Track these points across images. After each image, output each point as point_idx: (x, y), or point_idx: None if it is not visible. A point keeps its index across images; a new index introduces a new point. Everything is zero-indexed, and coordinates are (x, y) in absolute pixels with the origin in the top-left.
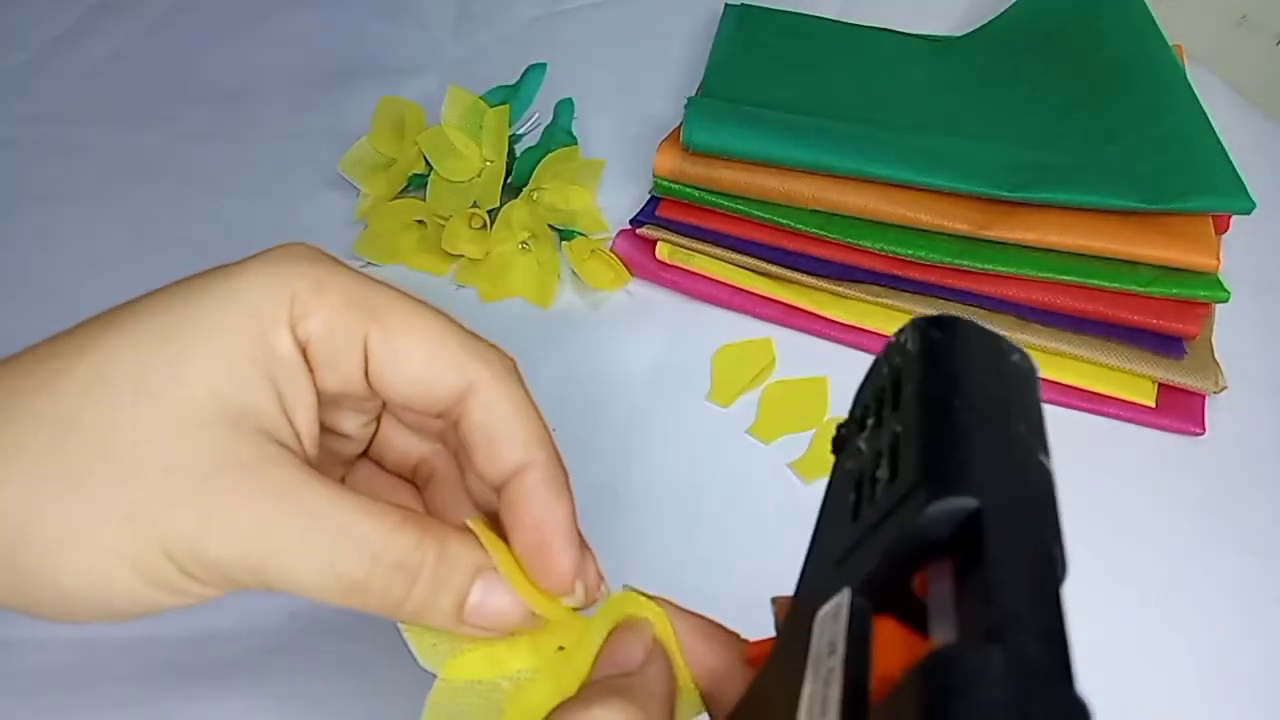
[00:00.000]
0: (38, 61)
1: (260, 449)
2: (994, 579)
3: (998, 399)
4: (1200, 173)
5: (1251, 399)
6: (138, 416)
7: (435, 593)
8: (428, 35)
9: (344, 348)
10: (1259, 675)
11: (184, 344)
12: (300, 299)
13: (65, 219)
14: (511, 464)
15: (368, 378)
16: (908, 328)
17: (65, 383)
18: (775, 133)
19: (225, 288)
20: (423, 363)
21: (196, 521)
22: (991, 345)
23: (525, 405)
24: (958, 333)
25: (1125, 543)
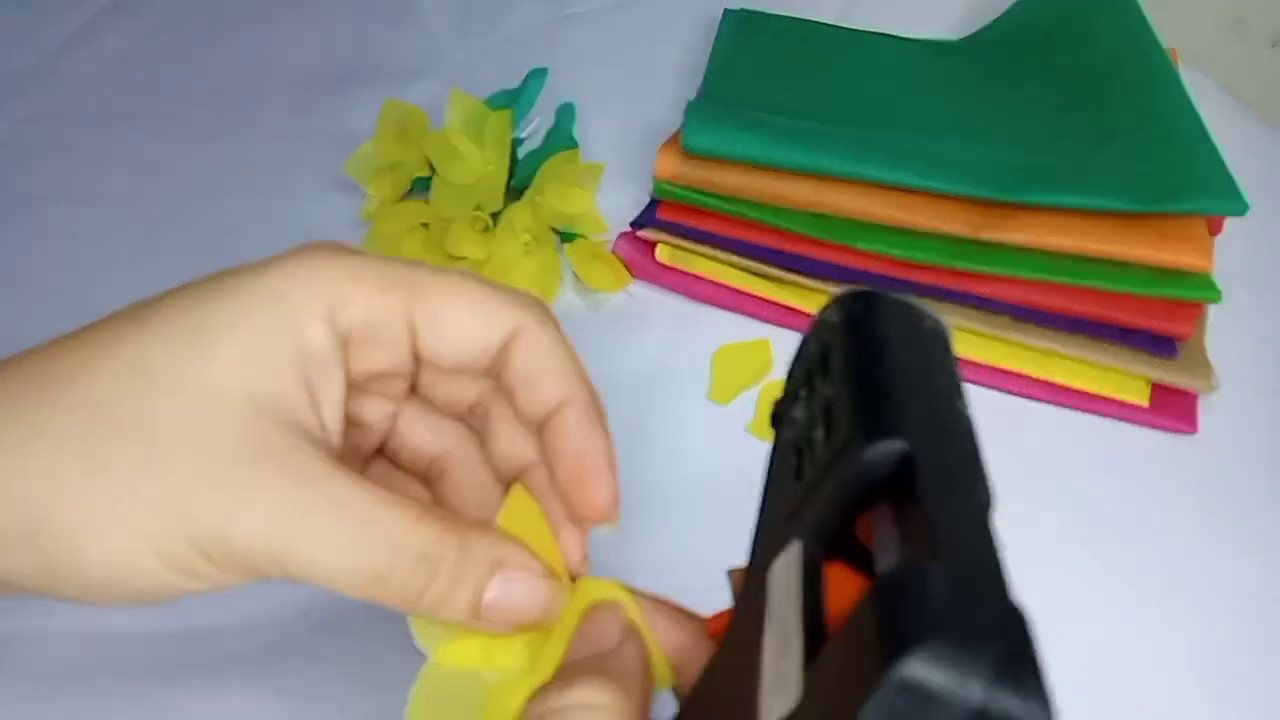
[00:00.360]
0: (44, 63)
1: (287, 439)
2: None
3: (917, 358)
4: (1194, 175)
5: (1244, 399)
6: (169, 406)
7: (454, 587)
8: (431, 40)
9: (389, 326)
10: (1256, 674)
11: (216, 337)
12: (337, 290)
13: (70, 220)
14: (555, 399)
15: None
16: (830, 304)
17: (97, 373)
18: (774, 136)
19: (256, 282)
20: (469, 323)
21: (222, 508)
22: (908, 312)
23: (564, 346)
24: (876, 303)
25: (1119, 541)
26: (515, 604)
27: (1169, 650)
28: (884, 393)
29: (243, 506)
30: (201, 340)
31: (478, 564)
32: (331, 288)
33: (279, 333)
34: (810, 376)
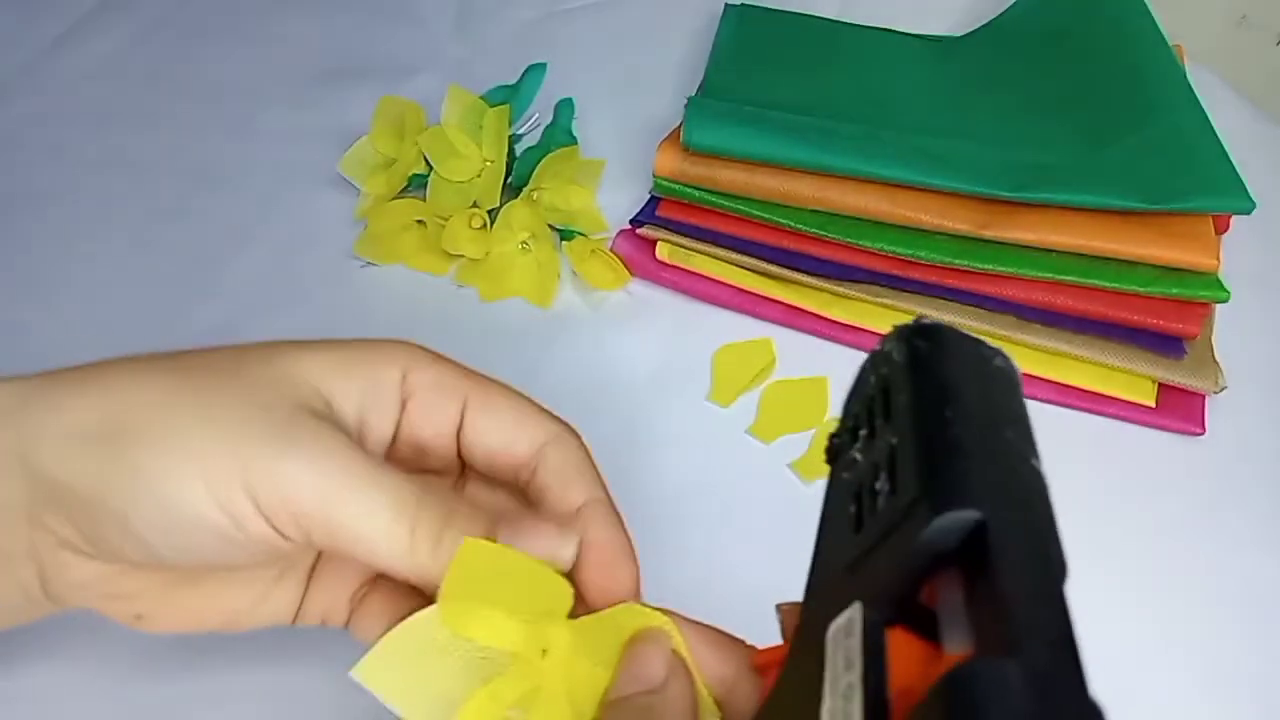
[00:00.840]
0: (38, 61)
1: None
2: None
3: (987, 406)
4: (1200, 173)
5: (1251, 399)
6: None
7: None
8: (428, 35)
9: (445, 401)
10: (1260, 675)
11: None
12: (417, 358)
13: (65, 219)
14: (581, 499)
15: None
16: (891, 338)
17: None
18: (775, 133)
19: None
20: (511, 418)
21: (277, 437)
22: (975, 351)
23: (590, 460)
24: (942, 341)
25: (1125, 542)
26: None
27: (1175, 650)
28: (953, 450)
29: (297, 443)
30: (299, 346)
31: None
32: (412, 355)
33: (359, 365)
34: (871, 415)
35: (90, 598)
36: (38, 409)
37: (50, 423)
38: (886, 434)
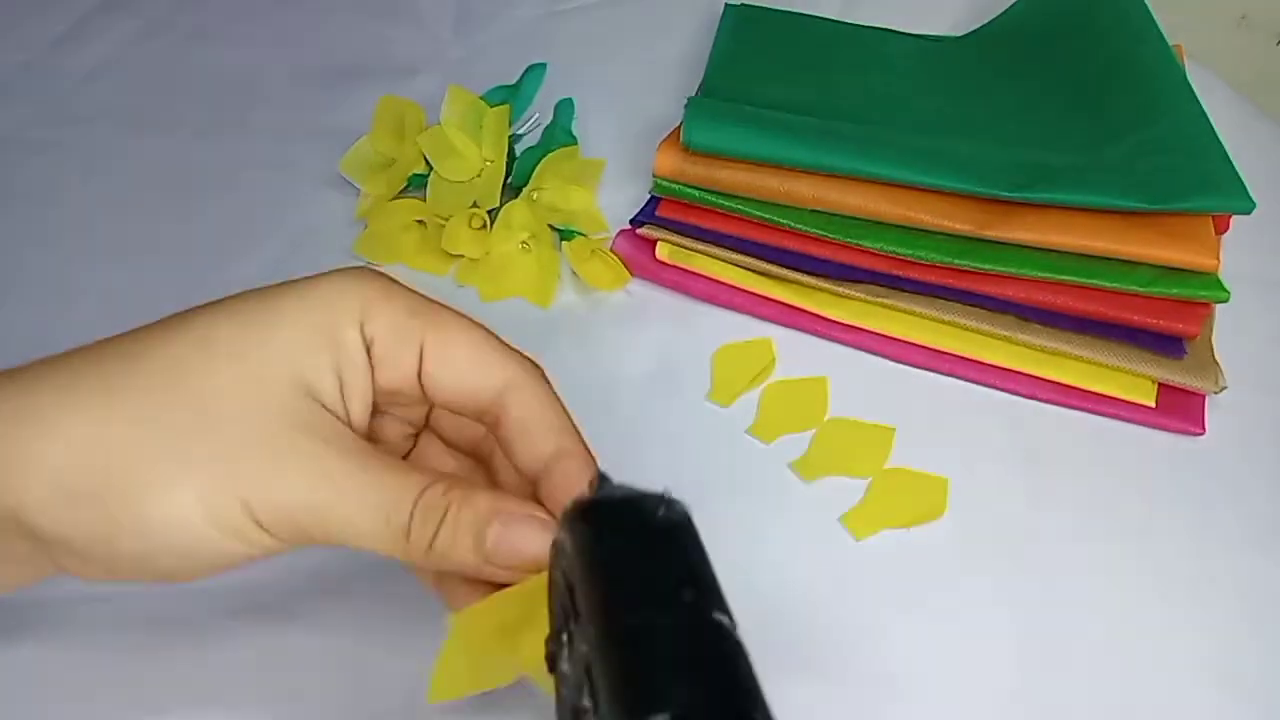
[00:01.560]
0: (38, 61)
1: (323, 415)
2: None
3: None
4: (1200, 173)
5: (1252, 399)
6: (228, 377)
7: (458, 531)
8: (427, 35)
9: (403, 348)
10: (1260, 675)
11: (273, 324)
12: (370, 302)
13: (65, 219)
14: (548, 451)
15: (420, 380)
16: (563, 525)
17: (170, 346)
18: (775, 133)
19: (306, 288)
20: (469, 363)
21: (269, 469)
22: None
23: (556, 402)
24: (601, 519)
25: (1125, 543)
26: (516, 542)
27: (1174, 651)
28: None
29: (287, 469)
30: (260, 325)
31: (479, 509)
32: (366, 300)
33: (322, 330)
34: (567, 618)
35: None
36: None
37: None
38: (581, 641)
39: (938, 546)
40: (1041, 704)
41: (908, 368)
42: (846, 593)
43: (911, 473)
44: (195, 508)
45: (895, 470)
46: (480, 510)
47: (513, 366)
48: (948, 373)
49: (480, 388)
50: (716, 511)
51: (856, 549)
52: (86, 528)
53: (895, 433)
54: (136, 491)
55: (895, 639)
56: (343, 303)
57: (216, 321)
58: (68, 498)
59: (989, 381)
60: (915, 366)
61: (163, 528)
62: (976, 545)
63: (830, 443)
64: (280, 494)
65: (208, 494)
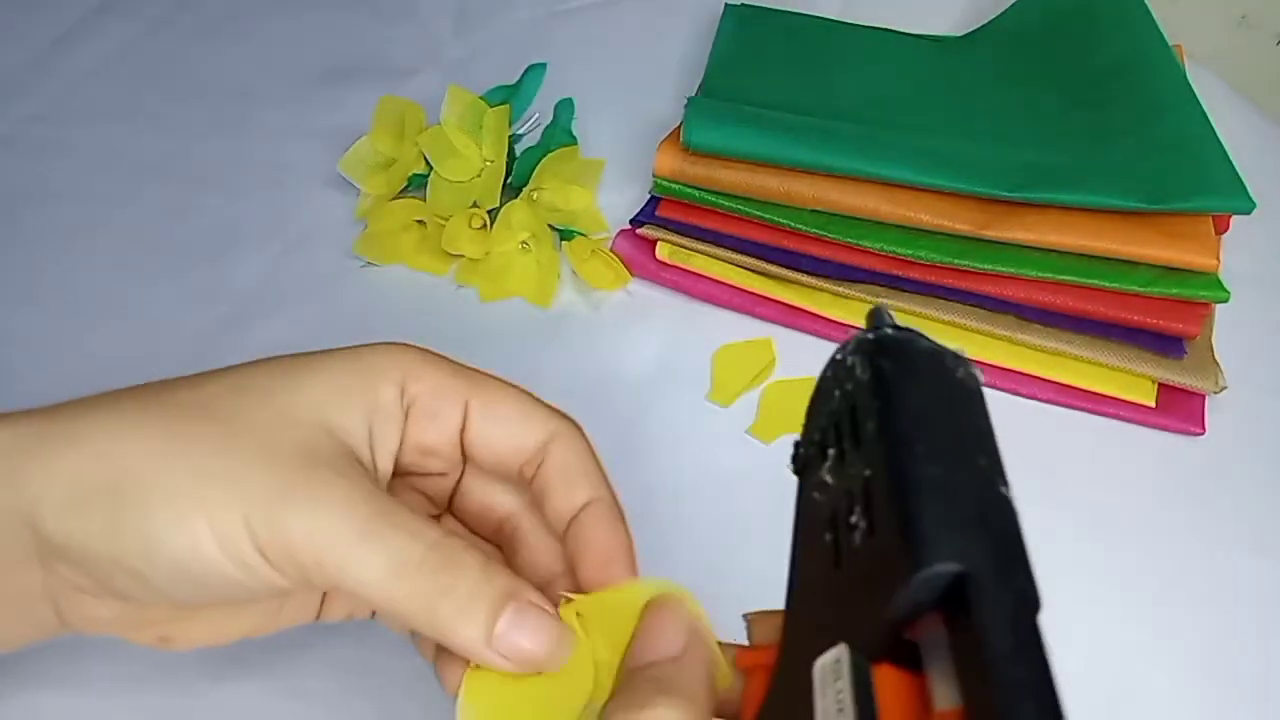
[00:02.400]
0: (38, 61)
1: (345, 455)
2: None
3: (957, 433)
4: (1200, 173)
5: (1251, 399)
6: (254, 412)
7: (472, 600)
8: (428, 35)
9: (446, 404)
10: (1260, 675)
11: (308, 375)
12: (412, 365)
13: (65, 219)
14: (584, 498)
15: (462, 437)
16: (854, 350)
17: (206, 385)
18: (775, 133)
19: (352, 352)
20: (515, 418)
21: (279, 493)
22: (939, 365)
23: (594, 455)
24: (907, 359)
25: (1125, 543)
26: (525, 638)
27: (1174, 651)
28: (930, 494)
29: (298, 497)
30: (296, 377)
31: (496, 586)
32: (408, 363)
33: (359, 387)
34: (839, 434)
35: (113, 628)
36: (32, 469)
37: (47, 486)
38: (858, 462)
39: None
40: None
41: None
42: None
43: None
44: (198, 519)
45: None
46: (497, 590)
47: (556, 421)
48: None
49: (525, 443)
50: (717, 511)
51: None
52: (93, 531)
53: None
54: (143, 497)
55: None
56: (382, 363)
57: (253, 370)
58: (78, 501)
59: (989, 381)
60: None
61: (165, 537)
62: None
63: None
64: (286, 521)
65: (213, 508)
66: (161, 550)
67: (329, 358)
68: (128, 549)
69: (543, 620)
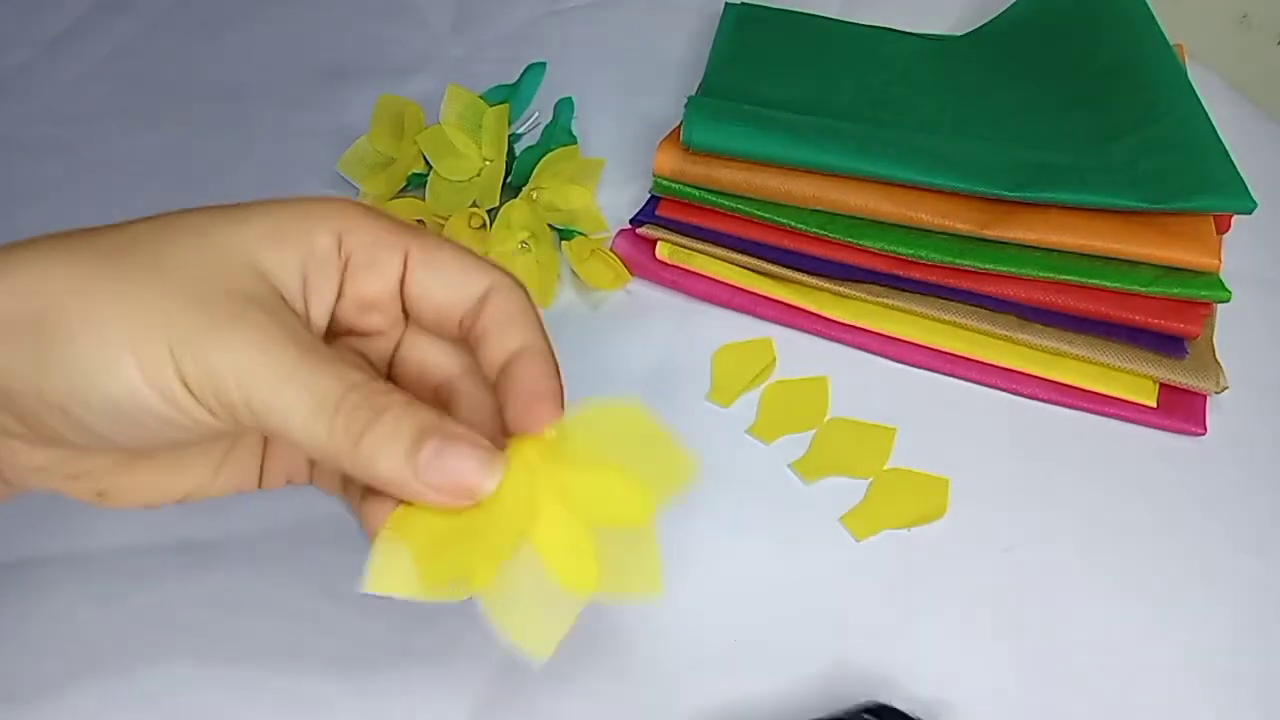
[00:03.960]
0: (38, 61)
1: (275, 298)
2: None
3: None
4: (1201, 172)
5: (1253, 399)
6: (185, 248)
7: (396, 431)
8: (427, 34)
9: (386, 256)
10: (1260, 675)
11: (241, 219)
12: (351, 216)
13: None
14: (517, 344)
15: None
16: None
17: (137, 225)
18: (776, 132)
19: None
20: (455, 270)
21: (206, 328)
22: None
23: (531, 306)
24: None
25: (1126, 543)
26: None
27: (1175, 650)
28: None
29: (223, 331)
30: (229, 220)
31: (420, 418)
32: (347, 214)
33: (294, 232)
34: None
35: (48, 479)
36: None
37: None
38: None
39: (938, 546)
40: (1041, 704)
41: (908, 368)
42: (847, 593)
43: (912, 473)
44: (123, 349)
45: (896, 470)
46: (422, 421)
47: (495, 273)
48: (948, 373)
49: (465, 294)
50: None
51: (857, 549)
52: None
53: (896, 433)
54: (68, 329)
55: (896, 639)
56: (319, 211)
57: (186, 213)
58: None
59: (989, 381)
60: (916, 366)
61: (89, 365)
62: (977, 545)
63: (831, 443)
64: (212, 356)
65: (138, 339)
66: (87, 383)
67: (266, 204)
68: (53, 383)
69: (473, 451)
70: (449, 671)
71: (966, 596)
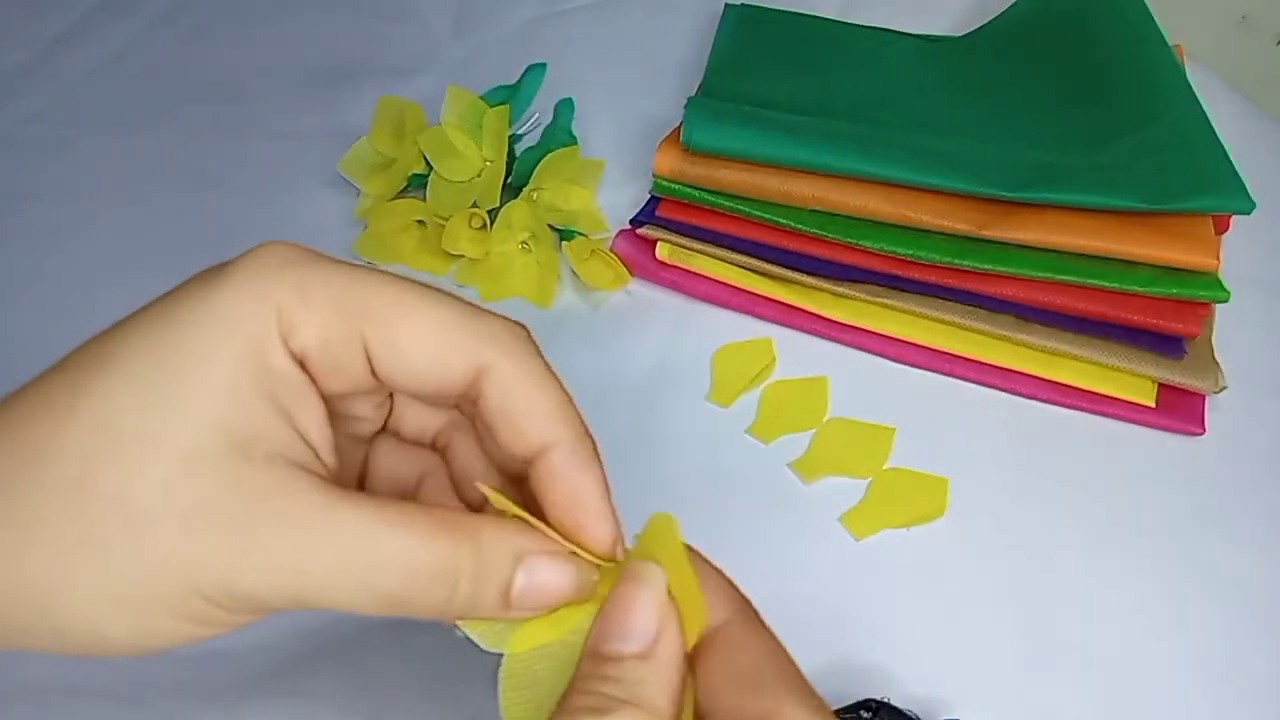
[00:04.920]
0: (38, 61)
1: (276, 475)
2: None
3: None
4: (1200, 173)
5: (1251, 399)
6: (146, 466)
7: (479, 591)
8: (428, 35)
9: (343, 353)
10: (1261, 675)
11: (179, 378)
12: (286, 312)
13: (65, 219)
14: (535, 443)
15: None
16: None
17: (66, 443)
18: (775, 133)
19: (208, 310)
20: (428, 353)
21: (224, 561)
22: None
23: (541, 380)
24: None
25: (1125, 543)
26: (544, 588)
27: (1174, 650)
28: None
29: (245, 555)
30: (165, 383)
31: (499, 561)
32: (281, 310)
33: (242, 362)
34: None
35: None
36: None
37: None
38: None
39: (938, 546)
40: (1042, 703)
41: (908, 368)
42: (846, 592)
43: (911, 473)
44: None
45: (895, 470)
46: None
47: (483, 347)
48: (948, 373)
49: (447, 377)
50: (717, 511)
51: (856, 549)
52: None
53: (895, 433)
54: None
55: (895, 639)
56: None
57: (112, 394)
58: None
59: (989, 381)
60: (915, 366)
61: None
62: (976, 545)
63: (830, 443)
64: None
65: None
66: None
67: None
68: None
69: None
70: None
71: (965, 595)
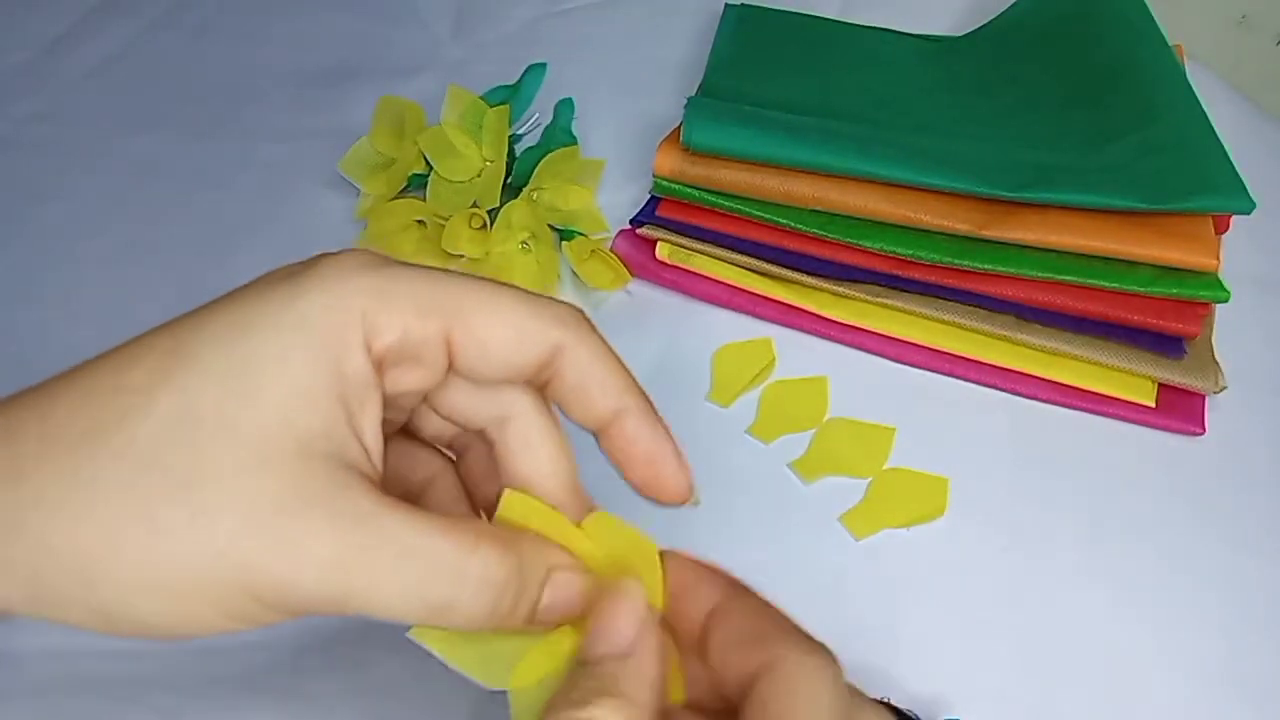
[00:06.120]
0: (38, 61)
1: (335, 478)
2: None
3: None
4: (1200, 173)
5: (1251, 399)
6: (217, 454)
7: (519, 602)
8: (428, 35)
9: (427, 350)
10: (1260, 675)
11: (257, 375)
12: (370, 316)
13: (65, 219)
14: (607, 411)
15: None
16: None
17: (142, 422)
18: (775, 133)
19: (290, 313)
20: (510, 344)
21: (276, 558)
22: None
23: (607, 355)
24: None
25: (1124, 543)
26: (562, 604)
27: (1174, 651)
28: None
29: (297, 555)
30: (243, 379)
31: (535, 575)
32: (365, 314)
33: (318, 365)
34: None
35: None
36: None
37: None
38: None
39: (938, 546)
40: (1040, 702)
41: (908, 368)
42: (846, 593)
43: (911, 473)
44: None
45: (895, 470)
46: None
47: (556, 330)
48: (948, 373)
49: (526, 362)
50: (716, 512)
51: (856, 549)
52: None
53: (895, 433)
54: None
55: (895, 639)
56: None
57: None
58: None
59: (989, 381)
60: (915, 366)
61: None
62: (976, 545)
63: (830, 443)
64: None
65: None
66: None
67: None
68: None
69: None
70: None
71: (965, 595)
